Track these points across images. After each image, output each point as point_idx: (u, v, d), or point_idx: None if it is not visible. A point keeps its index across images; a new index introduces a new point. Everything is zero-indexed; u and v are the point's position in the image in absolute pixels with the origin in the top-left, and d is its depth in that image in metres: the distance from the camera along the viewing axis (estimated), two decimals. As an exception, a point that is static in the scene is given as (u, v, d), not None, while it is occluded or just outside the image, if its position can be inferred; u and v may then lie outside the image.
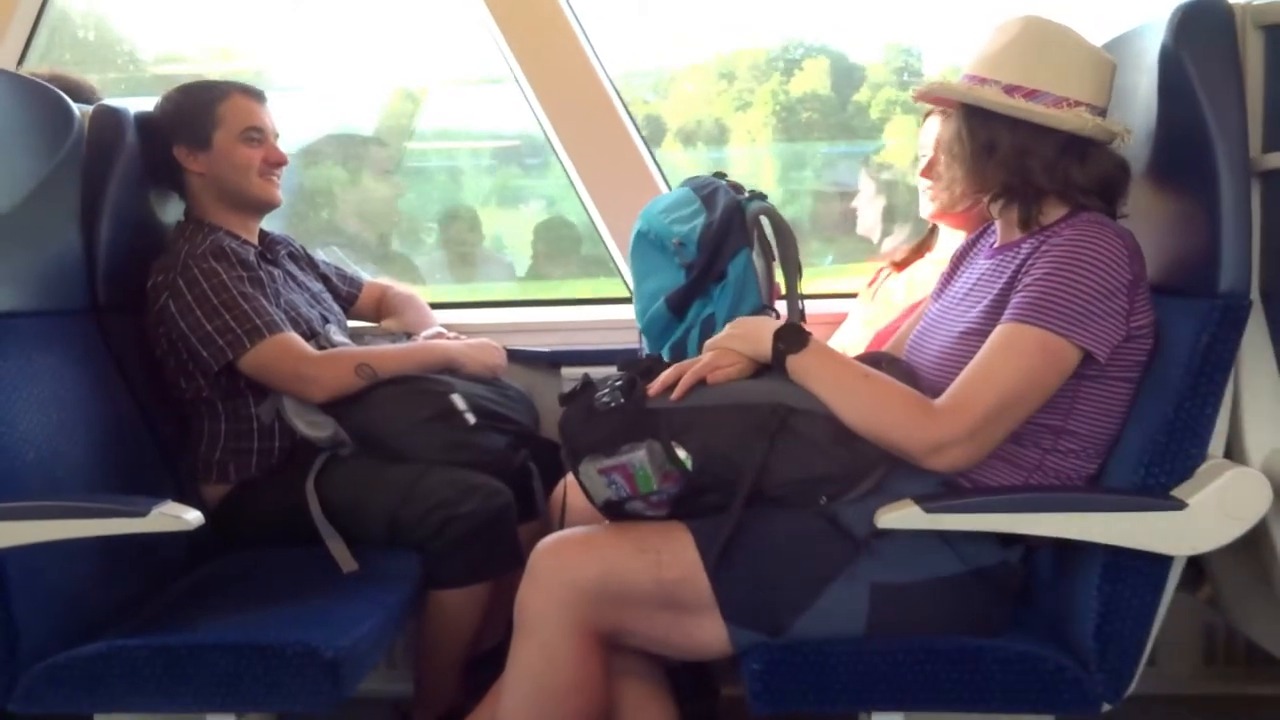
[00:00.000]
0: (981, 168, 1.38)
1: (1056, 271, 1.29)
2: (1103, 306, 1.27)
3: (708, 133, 3.25)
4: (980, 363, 1.31)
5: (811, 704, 1.33)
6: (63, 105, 1.68)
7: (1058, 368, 1.29)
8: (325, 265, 2.14)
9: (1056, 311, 1.27)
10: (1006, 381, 1.29)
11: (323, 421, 1.83)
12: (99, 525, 1.34)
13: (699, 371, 1.40)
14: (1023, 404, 1.30)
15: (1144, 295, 1.32)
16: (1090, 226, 1.31)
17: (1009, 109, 1.34)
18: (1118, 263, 1.28)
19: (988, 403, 1.28)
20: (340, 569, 1.65)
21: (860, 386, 1.35)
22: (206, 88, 1.89)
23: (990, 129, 1.36)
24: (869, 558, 1.34)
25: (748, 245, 1.76)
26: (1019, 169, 1.36)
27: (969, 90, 1.36)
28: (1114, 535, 1.26)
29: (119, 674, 1.36)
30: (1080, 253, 1.29)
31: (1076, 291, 1.27)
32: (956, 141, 1.40)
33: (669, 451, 1.35)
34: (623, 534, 1.39)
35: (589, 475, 1.39)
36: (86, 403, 1.61)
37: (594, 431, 1.37)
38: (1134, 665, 1.32)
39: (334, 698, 1.35)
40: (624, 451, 1.36)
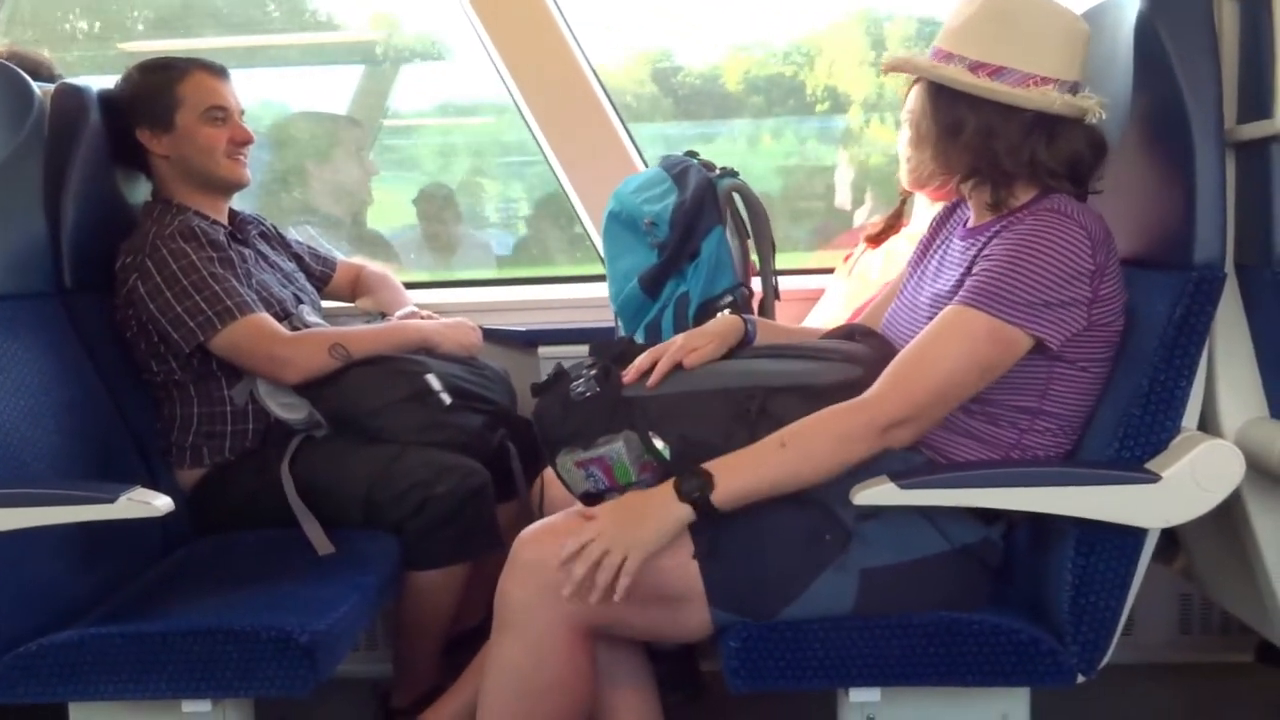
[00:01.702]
0: (947, 149, 1.35)
1: (1011, 258, 1.27)
2: (1057, 295, 1.26)
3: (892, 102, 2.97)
4: (926, 343, 1.30)
5: (789, 682, 1.33)
6: (22, 84, 1.65)
7: (1004, 354, 1.28)
8: (298, 245, 2.11)
9: (1007, 299, 1.26)
10: (950, 364, 1.28)
11: (297, 403, 1.81)
12: (67, 513, 1.32)
13: (674, 356, 1.38)
14: (965, 385, 1.29)
15: (1112, 282, 1.30)
16: (1051, 216, 1.29)
17: (971, 88, 1.30)
18: (1077, 252, 1.26)
19: (930, 385, 1.28)
20: (316, 551, 1.64)
21: (785, 450, 1.28)
22: (165, 66, 1.84)
23: (955, 108, 1.32)
24: (858, 545, 1.33)
25: (720, 223, 1.75)
26: (985, 151, 1.32)
27: (933, 68, 1.32)
28: (1088, 508, 1.27)
29: (93, 662, 1.34)
30: (1037, 241, 1.27)
31: (1030, 280, 1.26)
32: (924, 119, 1.37)
33: (646, 442, 1.33)
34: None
35: (566, 468, 1.37)
36: (55, 387, 1.59)
37: (569, 423, 1.35)
38: (1109, 637, 1.32)
39: (310, 681, 1.34)
40: (601, 443, 1.34)
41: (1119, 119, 1.37)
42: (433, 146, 3.45)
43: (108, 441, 1.69)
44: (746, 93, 3.06)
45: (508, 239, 3.40)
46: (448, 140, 3.46)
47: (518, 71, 2.25)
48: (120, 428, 1.73)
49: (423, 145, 3.44)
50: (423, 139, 3.45)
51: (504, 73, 2.26)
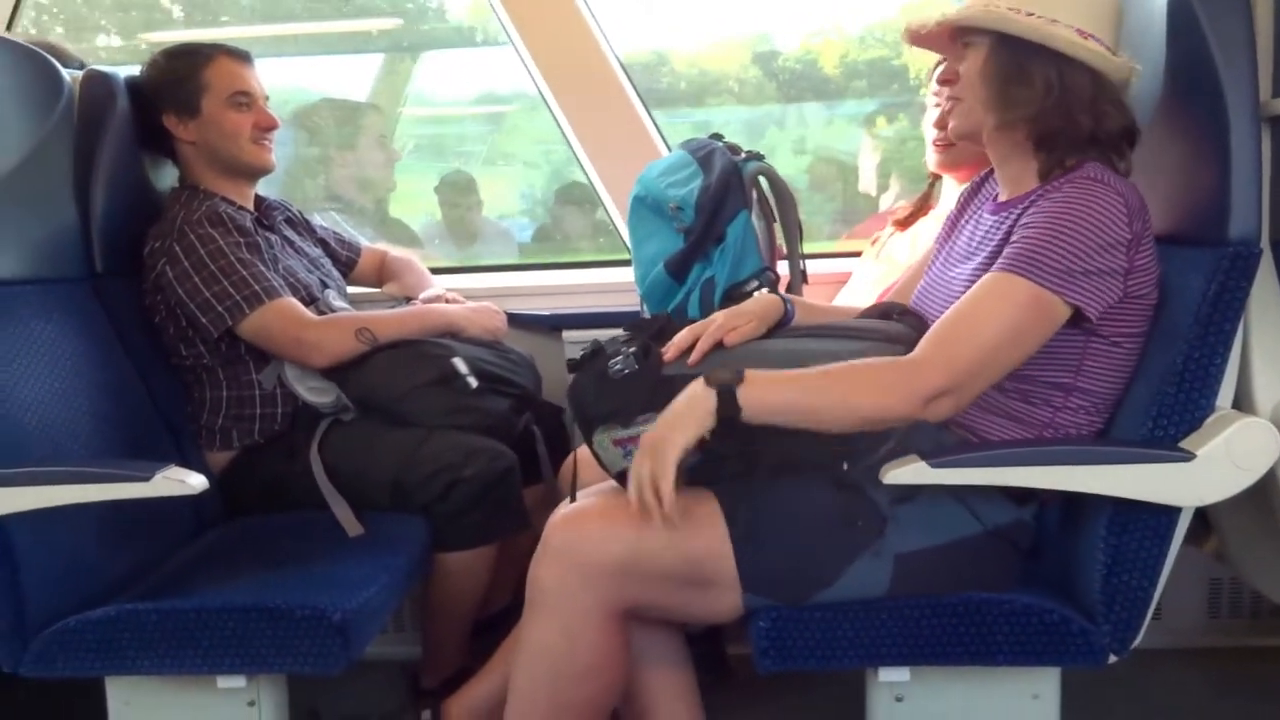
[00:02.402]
0: (1015, 104, 1.32)
1: (1051, 225, 1.26)
2: (1096, 263, 1.25)
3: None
4: (966, 310, 1.28)
5: (818, 662, 1.32)
6: (52, 70, 1.66)
7: (1044, 322, 1.27)
8: (323, 230, 2.12)
9: (1047, 266, 1.25)
10: (992, 332, 1.26)
11: (324, 387, 1.82)
12: (103, 490, 1.33)
13: (714, 334, 1.36)
14: (1007, 355, 1.27)
15: (1147, 253, 1.29)
16: (1089, 183, 1.28)
17: (1050, 38, 1.28)
18: (1115, 220, 1.25)
19: (972, 353, 1.25)
20: (346, 533, 1.65)
21: (825, 378, 1.25)
22: (191, 52, 1.85)
23: (1024, 61, 1.30)
24: (894, 529, 1.32)
25: (746, 207, 1.74)
26: (1059, 106, 1.30)
27: (1006, 19, 1.29)
28: (1121, 487, 1.26)
29: (129, 638, 1.36)
30: (1076, 208, 1.26)
31: (1069, 247, 1.25)
32: (985, 78, 1.34)
33: None
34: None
35: (603, 446, 1.35)
36: (87, 370, 1.61)
37: (607, 401, 1.33)
38: (1141, 617, 1.32)
39: (342, 659, 1.35)
40: (640, 422, 1.32)
41: (1152, 94, 1.36)
42: (466, 135, 3.46)
43: (139, 424, 1.70)
44: (846, 76, 3.06)
45: (529, 226, 3.41)
46: (479, 129, 3.47)
47: (541, 58, 2.25)
48: (151, 411, 1.74)
49: (458, 133, 3.45)
50: (459, 127, 3.46)
51: (527, 59, 2.26)
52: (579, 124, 2.27)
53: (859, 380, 1.25)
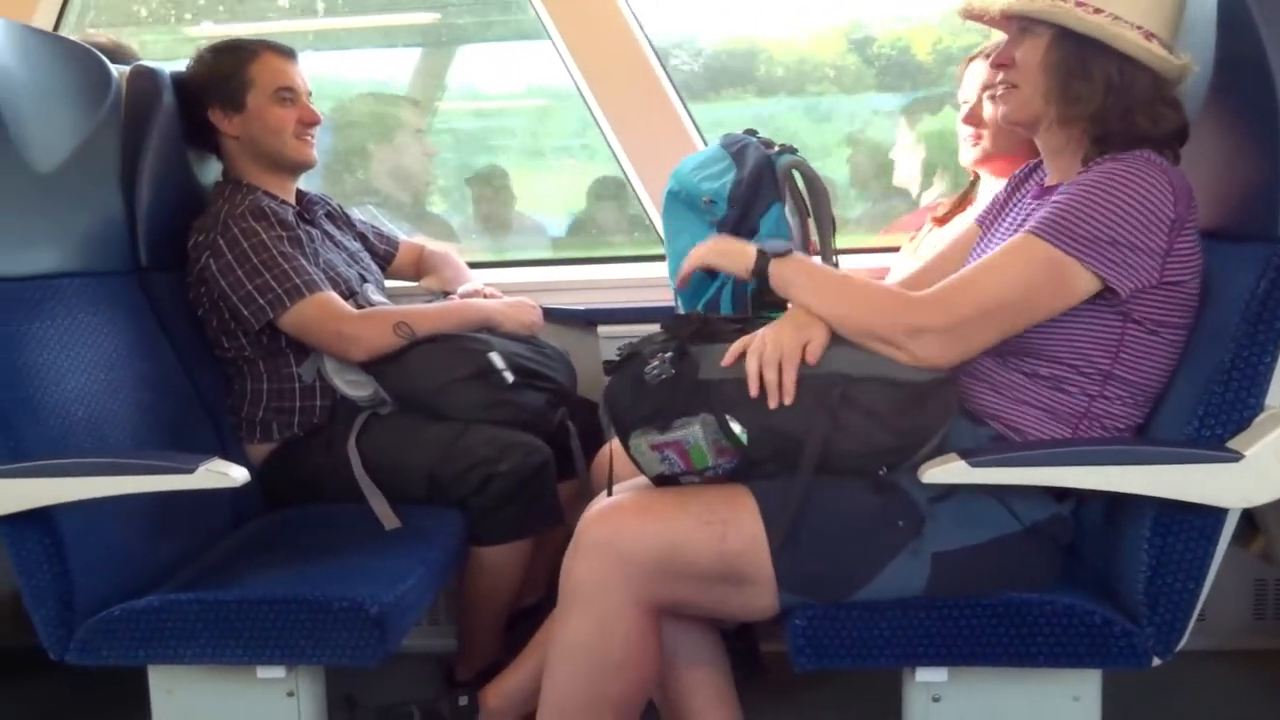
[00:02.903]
0: (1073, 96, 1.31)
1: (1085, 193, 1.25)
2: (1129, 236, 1.23)
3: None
4: (980, 264, 1.29)
5: (855, 661, 1.31)
6: (100, 65, 1.68)
7: (1059, 288, 1.25)
8: (362, 224, 2.14)
9: (1072, 231, 1.23)
10: (1000, 285, 1.26)
11: (362, 380, 1.84)
12: (148, 481, 1.35)
13: (792, 359, 1.29)
14: (1011, 313, 1.27)
15: (1189, 241, 1.27)
16: (1135, 159, 1.26)
17: (1115, 38, 1.26)
18: (1158, 198, 1.23)
19: (975, 300, 1.26)
20: (383, 526, 1.67)
21: (840, 283, 1.35)
22: (236, 48, 1.88)
23: (1083, 55, 1.29)
24: (932, 528, 1.30)
25: (779, 200, 1.73)
26: (1117, 103, 1.29)
27: (1070, 12, 1.28)
28: (1167, 488, 1.24)
29: (172, 627, 1.38)
30: (1116, 179, 1.24)
31: (1102, 216, 1.23)
32: (1043, 70, 1.33)
33: (724, 426, 1.30)
34: (682, 503, 1.33)
35: (640, 450, 1.34)
36: (132, 362, 1.63)
37: (644, 405, 1.32)
38: (1186, 619, 1.30)
39: (380, 651, 1.36)
40: (677, 427, 1.31)
41: (1201, 87, 1.33)
42: (507, 128, 3.47)
43: (182, 416, 1.73)
44: (940, 63, 3.04)
45: (562, 220, 3.41)
46: (519, 123, 3.48)
47: (578, 52, 2.25)
48: (194, 402, 1.77)
49: (499, 127, 3.46)
50: (501, 121, 3.47)
51: (564, 53, 2.26)
52: (615, 119, 2.27)
53: (863, 295, 1.32)
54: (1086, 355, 1.31)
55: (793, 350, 1.28)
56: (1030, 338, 1.31)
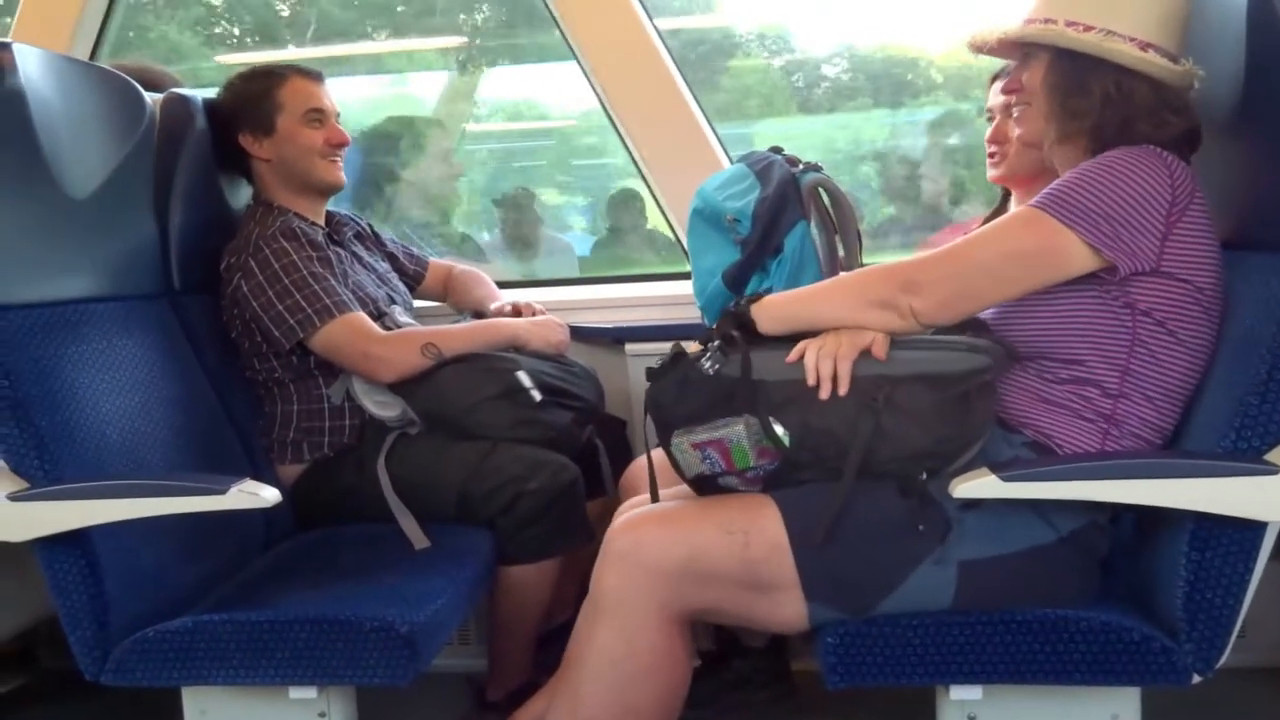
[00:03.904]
0: (1073, 114, 1.34)
1: (1083, 171, 1.28)
2: (1124, 213, 1.24)
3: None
4: (978, 229, 1.34)
5: (888, 678, 1.31)
6: (134, 93, 1.71)
7: (1054, 255, 1.27)
8: (392, 244, 2.16)
9: (1067, 202, 1.26)
10: (993, 245, 1.30)
11: (391, 401, 1.85)
12: (182, 503, 1.37)
13: (848, 355, 1.30)
14: (1000, 275, 1.29)
15: (1192, 232, 1.27)
16: (1137, 148, 1.29)
17: (1110, 53, 1.28)
18: (1154, 179, 1.25)
19: (968, 256, 1.30)
20: (413, 546, 1.67)
21: (828, 283, 1.40)
22: (265, 73, 1.91)
23: (1080, 73, 1.32)
24: (958, 536, 1.30)
25: (804, 218, 1.73)
26: (1116, 115, 1.31)
27: (1064, 34, 1.31)
28: (1204, 501, 1.22)
29: (205, 648, 1.39)
30: (1113, 160, 1.27)
31: (1097, 191, 1.25)
32: (1045, 90, 1.36)
33: (767, 427, 1.31)
34: (706, 511, 1.35)
35: (682, 449, 1.35)
36: (165, 385, 1.65)
37: (687, 404, 1.34)
38: (1226, 636, 1.27)
39: (410, 671, 1.36)
40: (720, 425, 1.32)
41: (1230, 95, 1.32)
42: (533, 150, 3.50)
43: (213, 437, 1.75)
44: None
45: (587, 240, 3.42)
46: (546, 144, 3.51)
47: (603, 73, 2.26)
48: (226, 424, 1.79)
49: (528, 148, 3.49)
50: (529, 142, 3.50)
51: (590, 74, 2.27)
52: (640, 138, 2.28)
53: (855, 278, 1.38)
54: (1101, 349, 1.31)
55: (850, 347, 1.31)
56: (1043, 337, 1.33)
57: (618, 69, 2.25)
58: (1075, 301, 1.30)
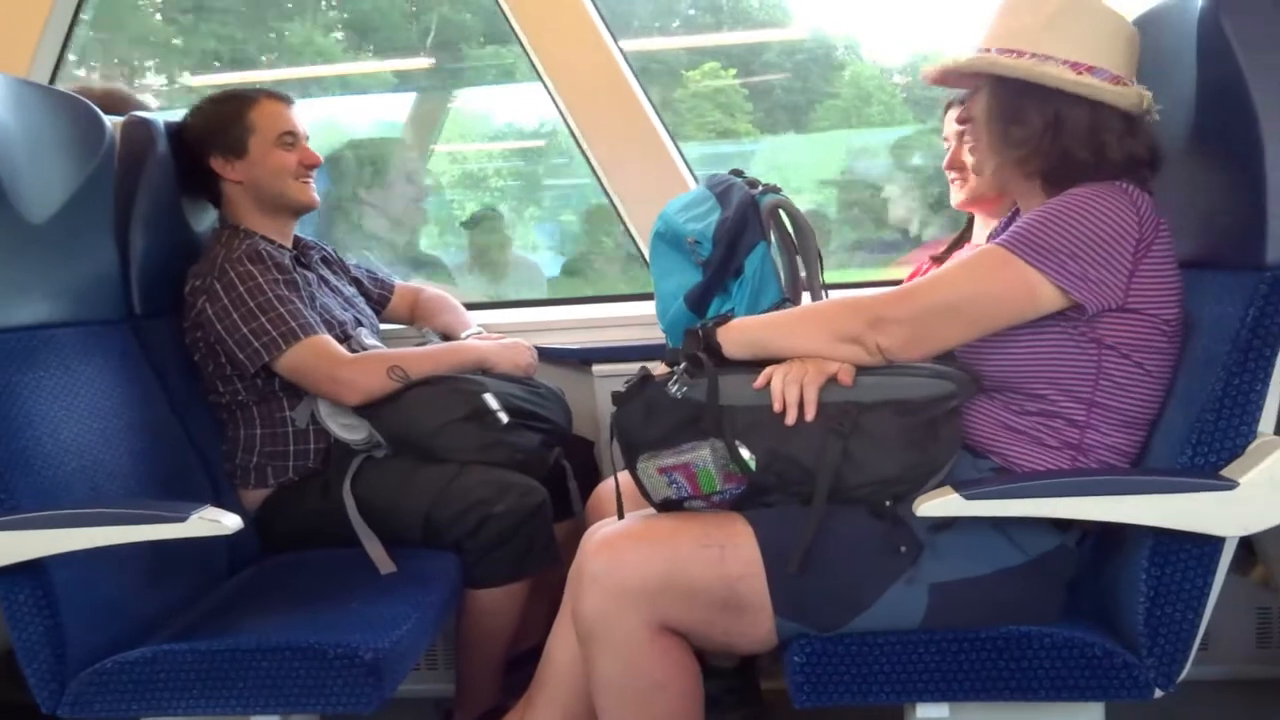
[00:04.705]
0: (1014, 143, 1.34)
1: (1048, 210, 1.29)
2: (1090, 252, 1.25)
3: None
4: (946, 266, 1.35)
5: (855, 696, 1.31)
6: (93, 116, 1.70)
7: (1019, 295, 1.28)
8: (357, 268, 2.15)
9: (1035, 243, 1.27)
10: (960, 285, 1.31)
11: (357, 424, 1.83)
12: (140, 531, 1.35)
13: (814, 381, 1.31)
14: (971, 314, 1.30)
15: (1158, 267, 1.28)
16: (1100, 184, 1.29)
17: (1041, 77, 1.29)
18: (1121, 218, 1.26)
19: (935, 296, 1.31)
20: (379, 570, 1.66)
21: (797, 311, 1.44)
22: (236, 96, 1.91)
23: (1019, 101, 1.32)
24: (930, 558, 1.31)
25: (764, 239, 1.74)
26: (1055, 142, 1.32)
27: (995, 62, 1.32)
28: (1162, 517, 1.23)
29: (164, 678, 1.37)
30: (1078, 198, 1.28)
31: (1063, 231, 1.26)
32: (988, 119, 1.37)
33: (733, 452, 1.31)
34: (680, 527, 1.35)
35: (648, 474, 1.35)
36: (126, 411, 1.63)
37: (654, 428, 1.33)
38: (1186, 650, 1.29)
39: (375, 699, 1.35)
40: (686, 450, 1.32)
41: (1185, 119, 1.34)
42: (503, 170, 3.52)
43: (176, 463, 1.72)
44: None
45: (557, 260, 3.43)
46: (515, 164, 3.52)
47: (568, 95, 2.27)
48: (188, 450, 1.76)
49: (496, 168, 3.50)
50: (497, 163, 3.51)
51: (556, 96, 2.28)
52: (605, 159, 2.29)
53: (823, 309, 1.40)
54: (1066, 386, 1.31)
55: (817, 373, 1.31)
56: (1009, 372, 1.33)
57: (581, 91, 2.26)
58: (1042, 337, 1.31)
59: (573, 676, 1.44)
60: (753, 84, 3.52)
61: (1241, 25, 1.22)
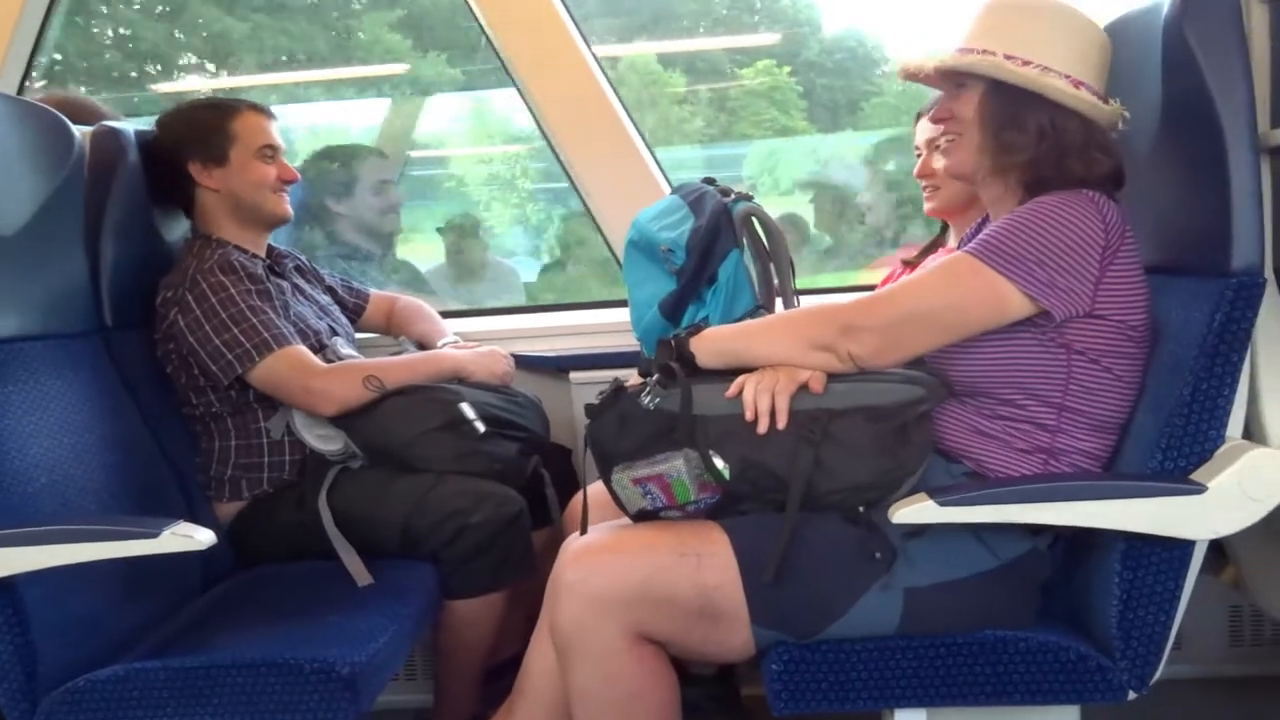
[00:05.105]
0: (1006, 147, 1.35)
1: (1015, 219, 1.30)
2: (1058, 260, 1.26)
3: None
4: (916, 274, 1.36)
5: (833, 703, 1.31)
6: (62, 127, 1.68)
7: (988, 303, 1.29)
8: (331, 277, 2.14)
9: (1002, 251, 1.28)
10: (929, 293, 1.32)
11: (332, 434, 1.82)
12: (112, 548, 1.33)
13: (786, 389, 1.31)
14: (941, 322, 1.31)
15: (1124, 274, 1.30)
16: (1067, 193, 1.30)
17: (1047, 88, 1.30)
18: (1087, 226, 1.27)
19: (905, 304, 1.32)
20: (355, 582, 1.65)
21: (768, 320, 1.44)
22: (218, 105, 1.90)
23: (1014, 106, 1.33)
24: (904, 564, 1.32)
25: (737, 247, 1.75)
26: (1052, 151, 1.32)
27: (1000, 66, 1.32)
28: (1133, 521, 1.25)
29: (138, 696, 1.36)
30: (1046, 206, 1.29)
31: (1030, 238, 1.27)
32: (979, 121, 1.36)
33: (707, 461, 1.31)
34: (655, 536, 1.35)
35: (622, 485, 1.35)
36: (96, 425, 1.61)
37: (628, 439, 1.34)
38: (1159, 652, 1.30)
39: (352, 713, 1.34)
40: (660, 460, 1.33)
41: (1150, 129, 1.36)
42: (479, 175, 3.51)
43: (149, 477, 1.71)
44: None
45: (534, 264, 3.42)
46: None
47: (543, 102, 2.27)
48: (161, 463, 1.75)
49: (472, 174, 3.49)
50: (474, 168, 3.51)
51: (532, 103, 2.28)
52: (581, 166, 2.29)
53: (794, 317, 1.41)
54: (1036, 391, 1.33)
55: (788, 381, 1.31)
56: (980, 377, 1.34)
57: (556, 97, 2.26)
58: (1012, 344, 1.32)
59: (551, 687, 1.44)
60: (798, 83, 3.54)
61: (1205, 35, 1.24)
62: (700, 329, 1.40)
